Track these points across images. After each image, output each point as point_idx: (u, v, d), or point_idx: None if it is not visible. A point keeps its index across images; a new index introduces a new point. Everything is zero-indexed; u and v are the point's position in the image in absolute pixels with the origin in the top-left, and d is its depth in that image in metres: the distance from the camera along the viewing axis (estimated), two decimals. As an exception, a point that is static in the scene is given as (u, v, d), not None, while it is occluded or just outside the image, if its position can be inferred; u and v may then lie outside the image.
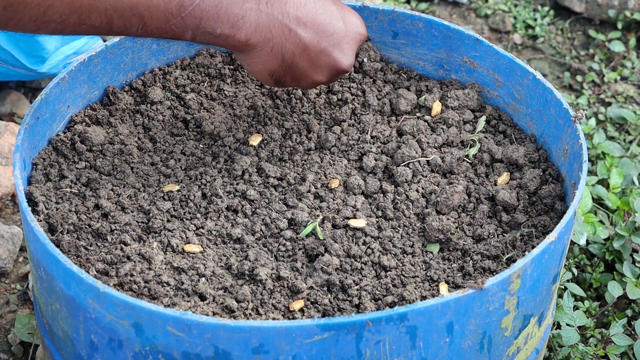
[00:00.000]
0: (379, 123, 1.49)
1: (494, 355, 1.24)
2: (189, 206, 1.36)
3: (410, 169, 1.41)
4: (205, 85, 1.53)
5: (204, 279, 1.25)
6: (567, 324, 1.65)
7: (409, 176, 1.40)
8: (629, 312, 1.79)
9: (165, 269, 1.26)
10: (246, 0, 1.25)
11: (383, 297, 1.25)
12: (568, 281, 1.76)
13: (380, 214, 1.37)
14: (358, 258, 1.30)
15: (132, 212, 1.34)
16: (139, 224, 1.33)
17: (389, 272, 1.29)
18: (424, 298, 1.25)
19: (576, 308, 1.74)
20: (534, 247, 1.30)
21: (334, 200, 1.38)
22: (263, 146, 1.44)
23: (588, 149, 2.09)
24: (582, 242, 1.77)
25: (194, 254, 1.29)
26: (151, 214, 1.33)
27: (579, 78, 2.36)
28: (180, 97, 1.51)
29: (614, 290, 1.72)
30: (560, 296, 1.71)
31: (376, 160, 1.42)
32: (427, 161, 1.42)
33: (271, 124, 1.47)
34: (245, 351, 1.12)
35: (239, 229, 1.33)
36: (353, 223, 1.33)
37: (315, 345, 1.11)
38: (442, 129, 1.47)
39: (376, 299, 1.26)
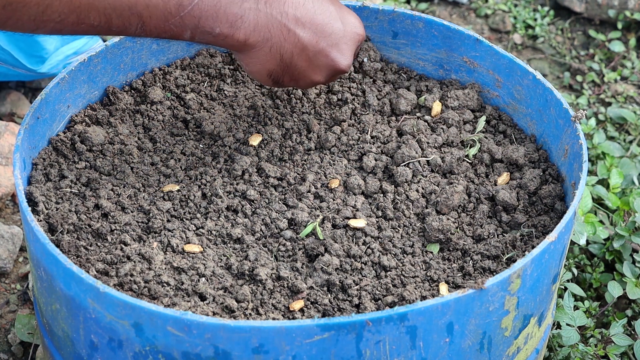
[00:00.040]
0: (379, 123, 1.49)
1: (494, 355, 1.24)
2: (189, 206, 1.36)
3: (410, 169, 1.41)
4: (205, 85, 1.53)
5: (204, 279, 1.25)
6: (567, 324, 1.65)
7: (409, 176, 1.40)
8: (629, 312, 1.79)
9: (165, 269, 1.26)
10: (245, 0, 1.25)
11: (383, 297, 1.25)
12: (568, 281, 1.76)
13: (380, 214, 1.36)
14: (358, 258, 1.30)
15: (132, 212, 1.34)
16: (139, 224, 1.33)
17: (389, 272, 1.29)
18: (424, 298, 1.25)
19: (576, 308, 1.74)
20: (534, 247, 1.30)
21: (334, 200, 1.37)
22: (263, 146, 1.44)
23: (588, 149, 2.09)
24: (582, 242, 1.77)
25: (194, 254, 1.29)
26: (151, 214, 1.33)
27: (579, 78, 2.36)
28: (180, 97, 1.51)
29: (614, 290, 1.72)
30: (561, 296, 1.71)
31: (376, 160, 1.42)
32: (427, 161, 1.42)
33: (271, 124, 1.47)
34: (245, 351, 1.12)
35: (239, 229, 1.33)
36: (353, 223, 1.33)
37: (315, 345, 1.11)
38: (442, 129, 1.47)
39: (376, 299, 1.26)
